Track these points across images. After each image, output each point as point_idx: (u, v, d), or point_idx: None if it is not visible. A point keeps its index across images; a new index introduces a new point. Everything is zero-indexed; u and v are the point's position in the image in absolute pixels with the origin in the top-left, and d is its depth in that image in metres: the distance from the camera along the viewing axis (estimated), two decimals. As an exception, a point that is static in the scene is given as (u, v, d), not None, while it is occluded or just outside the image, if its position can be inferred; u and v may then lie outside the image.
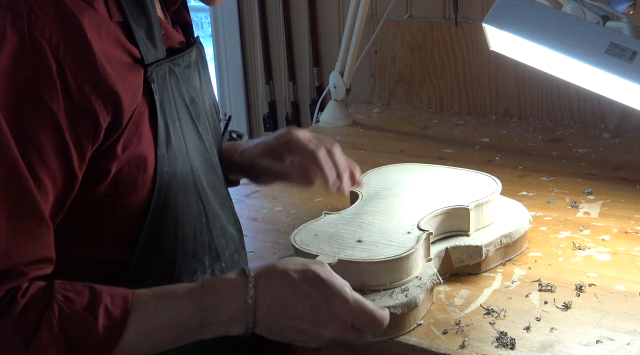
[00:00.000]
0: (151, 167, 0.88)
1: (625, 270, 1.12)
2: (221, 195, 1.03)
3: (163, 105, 0.90)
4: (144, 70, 0.88)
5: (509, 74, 1.90)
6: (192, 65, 0.99)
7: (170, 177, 0.90)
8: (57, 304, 0.79)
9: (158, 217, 0.90)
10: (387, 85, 2.09)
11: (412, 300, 0.98)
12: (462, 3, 1.92)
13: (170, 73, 0.93)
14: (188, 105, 0.96)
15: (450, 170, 1.31)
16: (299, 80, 2.30)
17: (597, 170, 1.53)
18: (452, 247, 1.12)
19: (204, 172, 0.98)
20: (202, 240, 0.96)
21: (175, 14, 1.02)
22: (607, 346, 0.93)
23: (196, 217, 0.95)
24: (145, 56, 0.88)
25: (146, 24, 0.89)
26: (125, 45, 0.86)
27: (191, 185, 0.94)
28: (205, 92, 1.03)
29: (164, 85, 0.91)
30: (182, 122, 0.94)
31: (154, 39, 0.90)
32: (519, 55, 1.24)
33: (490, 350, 0.94)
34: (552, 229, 1.26)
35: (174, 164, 0.91)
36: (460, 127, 1.88)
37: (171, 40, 0.96)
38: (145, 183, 0.88)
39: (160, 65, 0.91)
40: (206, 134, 1.01)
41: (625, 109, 1.24)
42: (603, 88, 1.18)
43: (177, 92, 0.94)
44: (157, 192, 0.89)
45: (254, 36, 2.34)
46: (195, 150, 0.96)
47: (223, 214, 1.02)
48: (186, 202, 0.93)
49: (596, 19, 1.15)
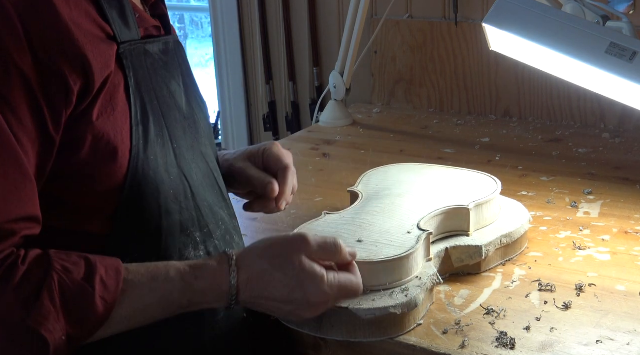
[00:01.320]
0: (127, 137, 0.88)
1: (625, 270, 1.12)
2: (209, 178, 1.02)
3: (138, 82, 0.91)
4: (117, 47, 0.88)
5: (509, 74, 1.90)
6: (170, 52, 1.00)
7: (148, 151, 0.90)
8: (57, 273, 0.80)
9: (137, 188, 0.90)
10: (387, 85, 2.09)
11: (412, 300, 0.98)
12: (462, 3, 1.92)
13: (146, 55, 0.93)
14: (168, 86, 0.97)
15: (450, 170, 1.31)
16: (299, 80, 2.30)
17: (597, 170, 1.53)
18: (452, 247, 1.12)
19: (188, 152, 0.98)
20: (189, 216, 0.96)
21: (154, 7, 1.03)
22: (607, 346, 0.93)
23: (180, 192, 0.95)
24: (118, 34, 0.89)
25: (118, 4, 0.90)
26: (96, 20, 0.87)
27: (172, 160, 0.94)
28: (189, 82, 1.03)
29: (139, 65, 0.91)
30: (160, 101, 0.94)
31: (127, 20, 0.91)
32: (519, 55, 1.24)
33: (490, 350, 0.94)
34: (552, 229, 1.26)
35: (149, 137, 0.91)
36: (460, 127, 1.88)
37: (145, 23, 0.96)
38: (124, 153, 0.88)
39: (135, 45, 0.92)
40: (189, 121, 1.00)
41: (625, 109, 1.24)
42: (603, 88, 1.18)
43: (154, 73, 0.94)
44: (133, 161, 0.88)
45: (254, 36, 2.34)
46: (178, 131, 0.96)
47: (210, 195, 1.01)
48: (167, 176, 0.93)
49: (596, 19, 1.15)
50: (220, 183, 1.06)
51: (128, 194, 0.89)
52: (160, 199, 0.92)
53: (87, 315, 0.81)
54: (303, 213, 1.37)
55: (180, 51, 1.04)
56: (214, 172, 1.04)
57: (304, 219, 1.25)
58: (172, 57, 1.00)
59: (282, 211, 1.14)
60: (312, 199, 1.44)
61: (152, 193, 0.91)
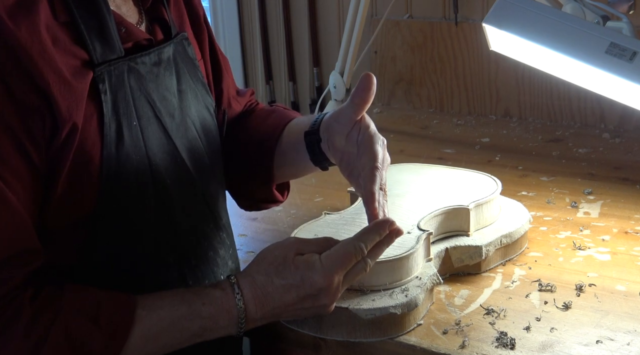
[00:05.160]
0: (96, 168, 0.87)
1: (625, 270, 1.12)
2: (192, 193, 1.00)
3: (117, 104, 0.89)
4: (93, 71, 0.87)
5: (509, 74, 1.89)
6: (163, 62, 0.97)
7: (120, 177, 0.89)
8: (64, 315, 0.82)
9: (107, 217, 0.89)
10: (387, 85, 2.09)
11: (412, 300, 0.98)
12: (462, 3, 1.92)
13: (130, 71, 0.91)
14: (155, 103, 0.94)
15: (450, 170, 1.31)
16: (299, 80, 2.30)
17: (597, 170, 1.52)
18: (452, 247, 1.12)
19: (168, 169, 0.95)
20: (164, 238, 0.96)
21: (152, 11, 1.00)
22: (607, 346, 0.93)
23: (155, 217, 0.94)
24: (95, 57, 0.87)
25: (97, 23, 0.88)
26: (70, 48, 0.85)
27: (148, 184, 0.93)
28: (187, 89, 1.01)
29: (119, 85, 0.90)
30: (142, 121, 0.92)
31: (108, 38, 0.89)
32: (519, 55, 1.24)
33: (490, 350, 0.94)
34: (552, 229, 1.26)
35: (126, 163, 0.89)
36: (460, 127, 1.88)
37: (133, 36, 0.93)
38: (92, 183, 0.87)
39: (115, 64, 0.89)
40: (180, 132, 0.98)
41: (625, 109, 1.24)
42: (603, 88, 1.18)
43: (139, 91, 0.92)
44: (103, 190, 0.88)
45: (254, 36, 2.34)
46: (160, 148, 0.94)
47: (194, 211, 1.00)
48: (141, 201, 0.92)
49: (596, 19, 1.15)
50: (207, 195, 1.03)
51: (98, 222, 0.89)
52: (132, 225, 0.92)
53: (93, 353, 0.82)
54: (303, 213, 1.37)
55: (183, 54, 1.01)
56: (201, 184, 1.02)
57: (304, 219, 1.25)
58: (167, 66, 0.98)
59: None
60: (312, 199, 1.44)
61: (123, 220, 0.91)
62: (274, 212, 1.39)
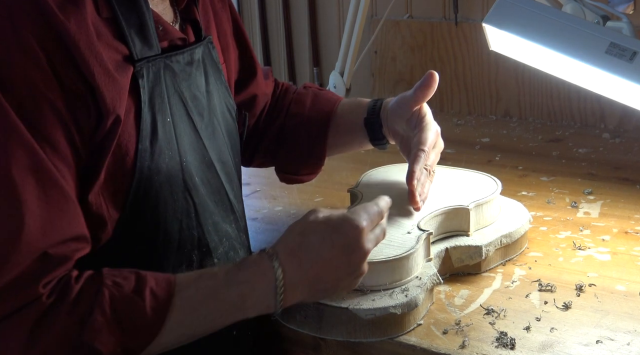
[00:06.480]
0: (130, 161, 0.89)
1: (625, 270, 1.12)
2: (218, 193, 1.02)
3: (153, 100, 0.91)
4: (133, 67, 0.89)
5: (509, 74, 1.89)
6: (195, 62, 1.00)
7: (152, 172, 0.91)
8: (108, 289, 0.82)
9: (136, 209, 0.91)
10: (387, 85, 2.09)
11: (412, 300, 0.98)
12: (462, 3, 1.92)
13: (165, 69, 0.94)
14: (187, 101, 0.97)
15: (450, 170, 1.31)
16: (299, 80, 2.30)
17: (597, 170, 1.52)
18: (452, 247, 1.12)
19: (197, 168, 0.98)
20: (189, 235, 0.97)
21: (185, 12, 1.03)
22: (607, 346, 0.93)
23: (183, 212, 0.96)
24: (135, 53, 0.89)
25: (138, 20, 0.90)
26: (112, 43, 0.87)
27: (179, 181, 0.95)
28: (213, 90, 1.04)
29: (156, 81, 0.92)
30: (175, 118, 0.94)
31: (147, 36, 0.91)
32: (519, 55, 1.24)
33: (490, 350, 0.94)
34: (552, 229, 1.26)
35: (159, 159, 0.92)
36: (460, 127, 1.88)
37: (169, 35, 0.96)
38: (126, 177, 0.89)
39: (153, 61, 0.92)
40: (208, 132, 1.01)
41: (625, 109, 1.24)
42: (603, 88, 1.18)
43: (173, 88, 0.95)
44: (135, 185, 0.89)
45: (254, 36, 2.34)
46: (190, 146, 0.97)
47: (218, 211, 1.02)
48: (171, 196, 0.94)
49: (596, 19, 1.15)
50: (232, 196, 1.05)
51: (127, 212, 0.90)
52: (159, 218, 0.93)
53: (139, 325, 0.83)
54: (303, 213, 1.37)
55: (210, 56, 1.04)
56: (226, 185, 1.04)
57: (304, 219, 1.25)
58: (197, 67, 1.00)
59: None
60: (312, 199, 1.44)
61: (151, 213, 0.92)
62: (274, 212, 1.39)
